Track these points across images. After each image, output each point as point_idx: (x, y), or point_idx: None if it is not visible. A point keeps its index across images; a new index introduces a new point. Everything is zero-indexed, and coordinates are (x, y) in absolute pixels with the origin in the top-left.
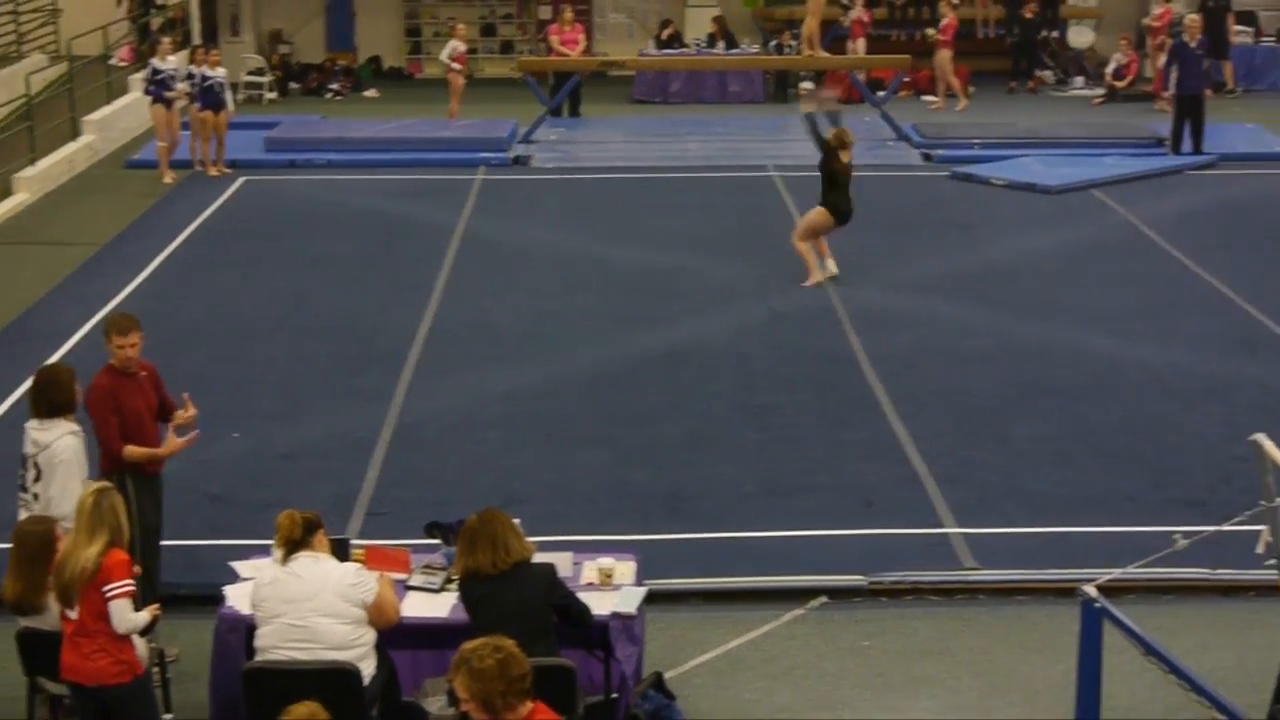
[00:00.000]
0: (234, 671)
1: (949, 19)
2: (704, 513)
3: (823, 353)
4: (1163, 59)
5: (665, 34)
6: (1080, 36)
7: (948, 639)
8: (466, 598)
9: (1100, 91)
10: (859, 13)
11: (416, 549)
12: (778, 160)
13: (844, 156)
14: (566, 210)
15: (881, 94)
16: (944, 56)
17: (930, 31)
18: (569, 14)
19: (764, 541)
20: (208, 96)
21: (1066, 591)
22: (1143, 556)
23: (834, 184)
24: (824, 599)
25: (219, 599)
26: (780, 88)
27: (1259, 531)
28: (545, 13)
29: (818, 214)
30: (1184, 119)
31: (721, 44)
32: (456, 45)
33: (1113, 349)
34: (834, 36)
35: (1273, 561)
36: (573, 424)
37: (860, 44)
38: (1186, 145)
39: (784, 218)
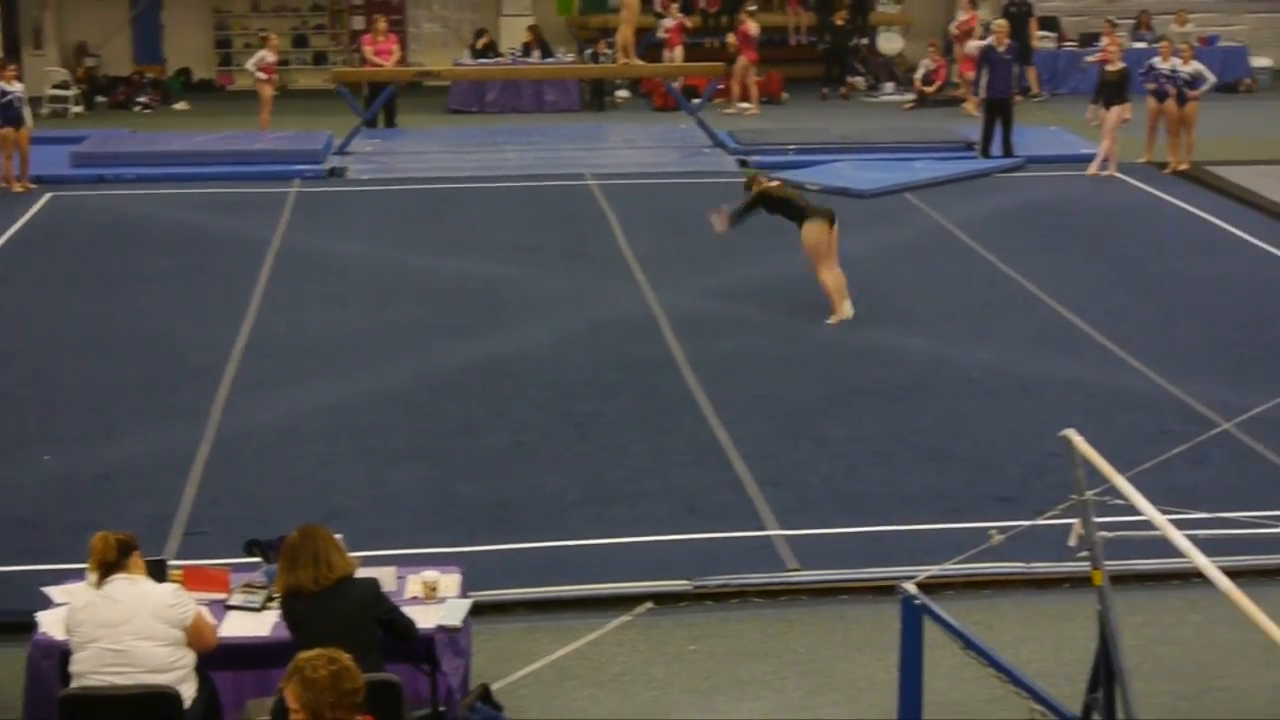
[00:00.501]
0: (49, 699)
1: (745, 25)
2: (529, 523)
3: (644, 360)
4: (970, 64)
5: (480, 43)
6: (890, 43)
7: (773, 640)
8: (289, 615)
9: (910, 97)
10: (674, 20)
11: (236, 568)
12: (595, 168)
13: (765, 183)
14: (384, 222)
15: (696, 101)
16: (742, 64)
17: (730, 39)
18: (382, 24)
19: (589, 550)
20: (6, 112)
21: (887, 590)
22: (960, 553)
23: (787, 205)
24: (650, 605)
25: (32, 626)
26: (596, 96)
27: (1071, 525)
28: (359, 23)
29: (805, 237)
30: (993, 122)
31: (537, 53)
32: (264, 55)
33: (927, 349)
34: (649, 44)
35: (1085, 553)
36: (394, 437)
37: (678, 52)
38: (996, 148)
39: (602, 225)
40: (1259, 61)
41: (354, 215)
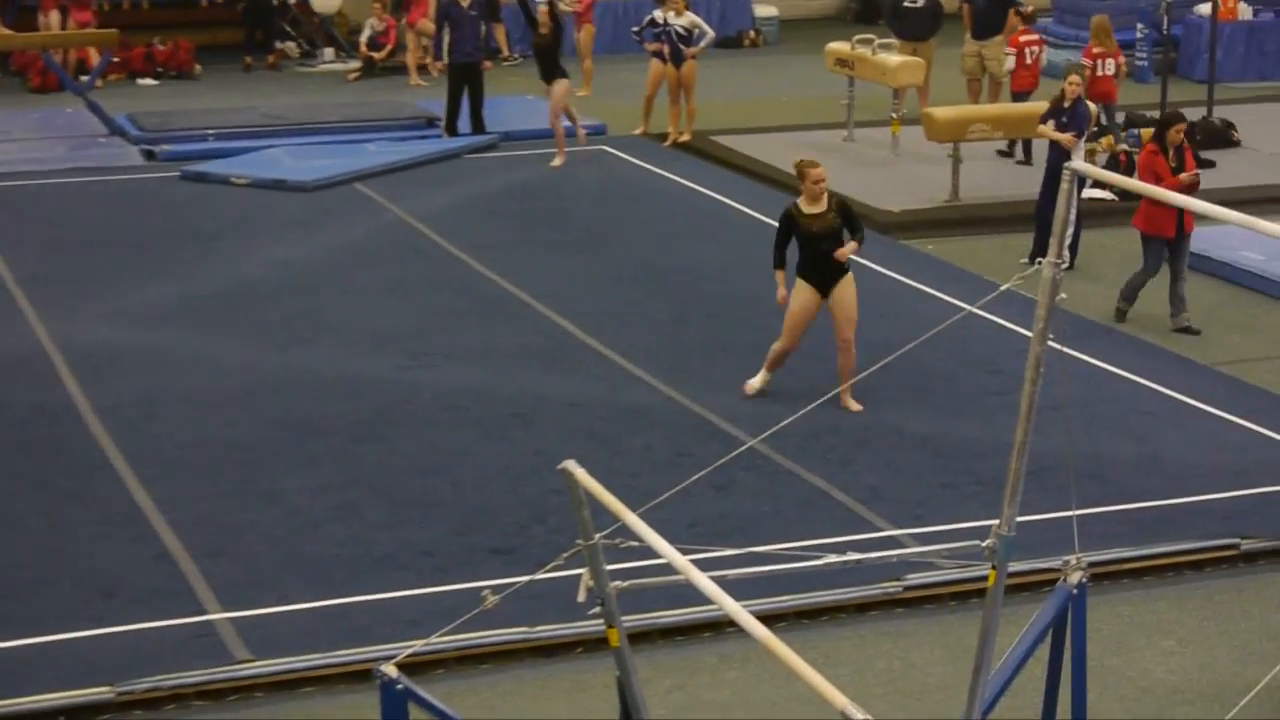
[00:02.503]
0: None
1: None
2: None
3: (33, 409)
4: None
5: None
6: (325, 1)
7: None
8: None
9: (355, 65)
10: None
11: None
12: None
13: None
14: None
15: (84, 79)
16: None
17: None
18: None
19: None
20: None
21: (362, 674)
22: (449, 621)
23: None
24: None
25: None
26: None
27: (579, 576)
28: None
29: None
30: (459, 93)
31: None
32: None
33: (395, 374)
34: (18, 8)
35: (598, 609)
36: None
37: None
38: (464, 124)
39: None
40: (763, 10)
41: None
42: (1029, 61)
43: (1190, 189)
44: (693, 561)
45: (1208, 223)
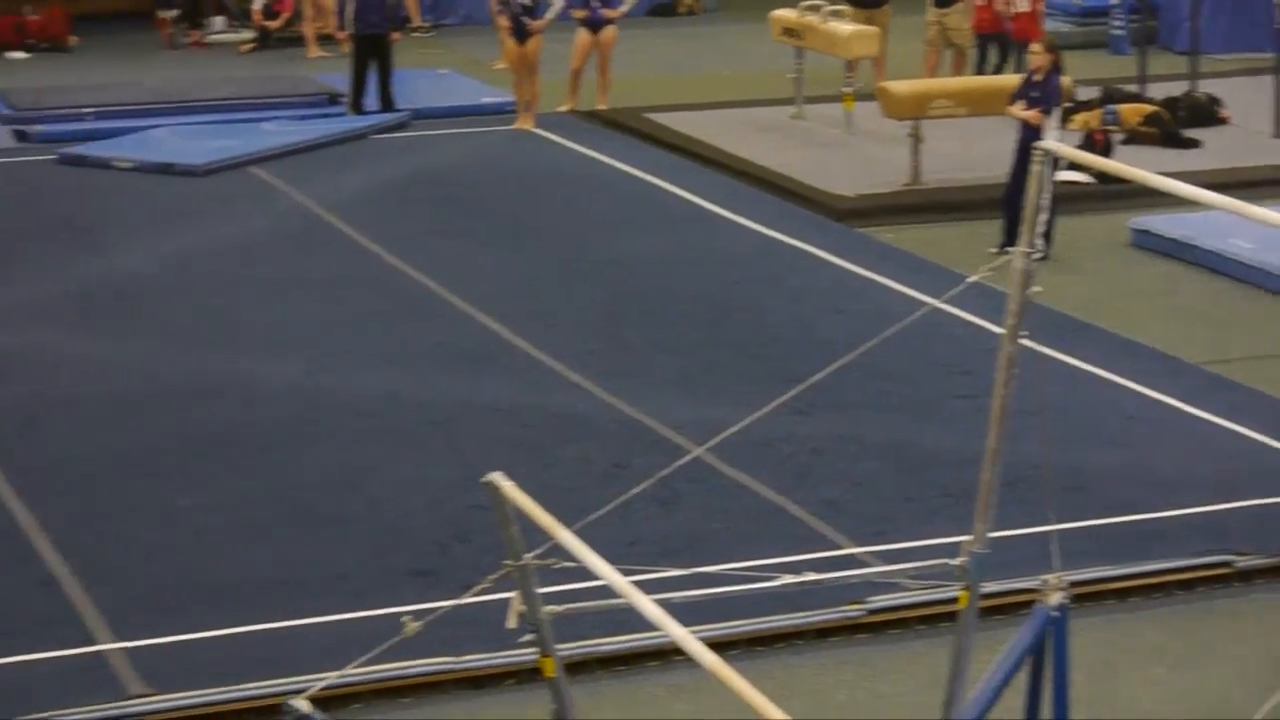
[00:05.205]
0: None
1: None
2: None
3: None
4: None
5: None
6: None
7: None
8: None
9: (249, 35)
10: None
11: None
12: None
13: None
14: None
15: None
16: None
17: None
18: None
19: None
20: None
21: (272, 709)
22: (366, 650)
23: None
24: None
25: None
26: None
27: (508, 600)
28: None
29: None
30: (365, 66)
31: None
32: None
33: (301, 379)
34: None
35: (530, 636)
36: None
37: None
38: (371, 100)
39: None
40: None
41: None
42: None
43: None
44: (634, 583)
45: (1194, 208)
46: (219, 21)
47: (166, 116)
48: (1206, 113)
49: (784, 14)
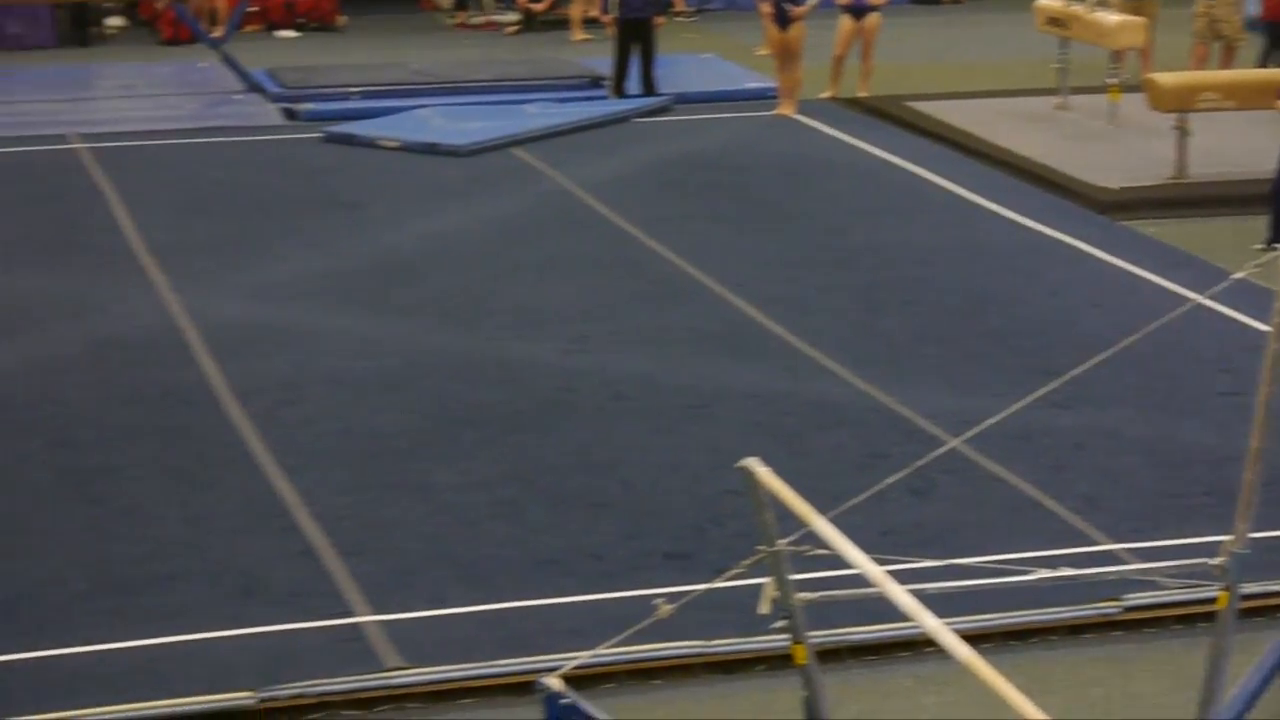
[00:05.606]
0: None
1: None
2: (18, 626)
3: (168, 390)
4: None
5: None
6: None
7: None
8: None
9: (514, 18)
10: None
11: None
12: (82, 127)
13: None
14: None
15: (219, 31)
16: None
17: None
18: None
19: (110, 657)
20: None
21: (524, 686)
22: (618, 631)
23: None
24: None
25: None
26: (78, 27)
27: (761, 585)
28: None
29: None
30: (628, 51)
31: None
32: None
33: (558, 360)
34: None
35: (782, 623)
36: None
37: None
38: (633, 84)
39: (97, 205)
40: None
41: None
42: None
43: None
44: (888, 573)
45: None
46: (486, 3)
47: (431, 97)
48: None
49: (1049, 3)
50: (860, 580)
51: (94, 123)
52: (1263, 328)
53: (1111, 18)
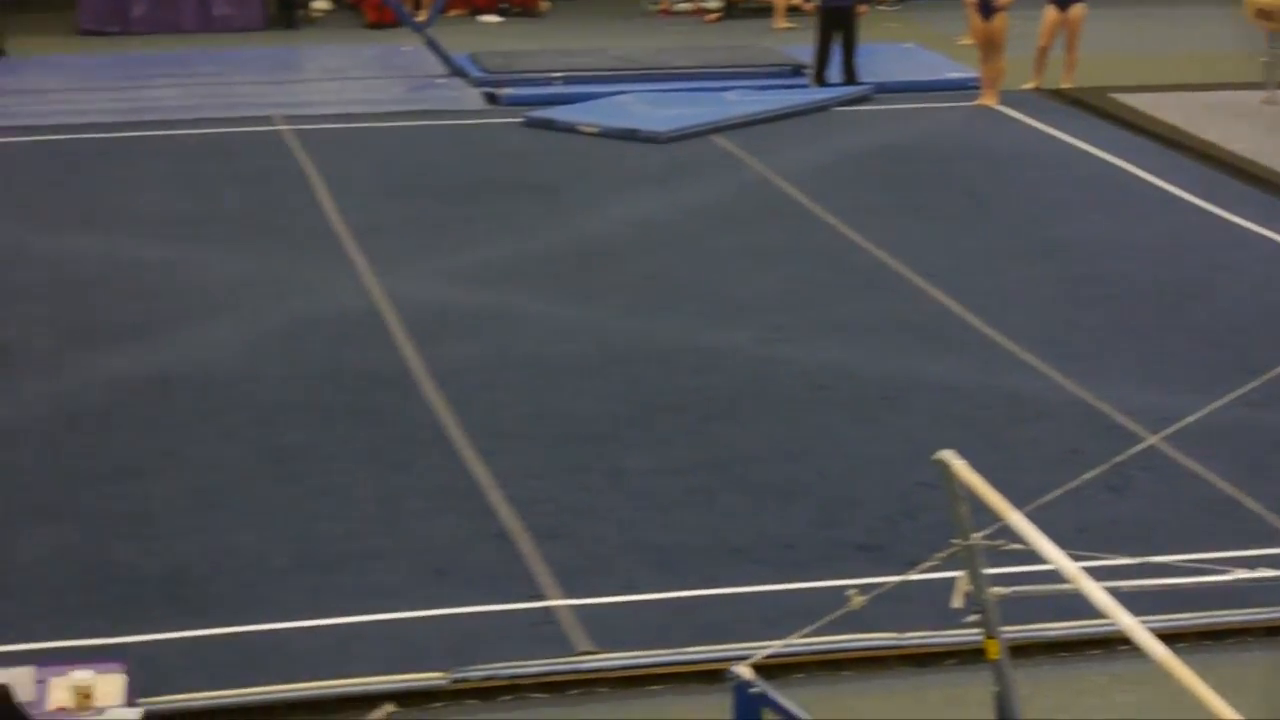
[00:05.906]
0: None
1: None
2: (218, 599)
3: (367, 372)
4: None
5: None
6: None
7: None
8: None
9: (716, 5)
10: None
11: None
12: (287, 108)
13: None
14: None
15: (423, 15)
16: None
17: None
18: None
19: (303, 634)
20: None
21: (714, 674)
22: (810, 621)
23: None
24: (392, 708)
25: None
26: (285, 9)
27: (954, 579)
28: None
29: None
30: (830, 39)
31: None
32: None
33: (755, 348)
34: None
35: (974, 617)
36: (20, 487)
37: None
38: (834, 73)
39: (300, 187)
40: None
41: None
42: None
43: None
44: (1084, 569)
45: None
46: None
47: (631, 83)
48: None
49: None
50: (1055, 576)
51: (298, 105)
52: None
53: None
